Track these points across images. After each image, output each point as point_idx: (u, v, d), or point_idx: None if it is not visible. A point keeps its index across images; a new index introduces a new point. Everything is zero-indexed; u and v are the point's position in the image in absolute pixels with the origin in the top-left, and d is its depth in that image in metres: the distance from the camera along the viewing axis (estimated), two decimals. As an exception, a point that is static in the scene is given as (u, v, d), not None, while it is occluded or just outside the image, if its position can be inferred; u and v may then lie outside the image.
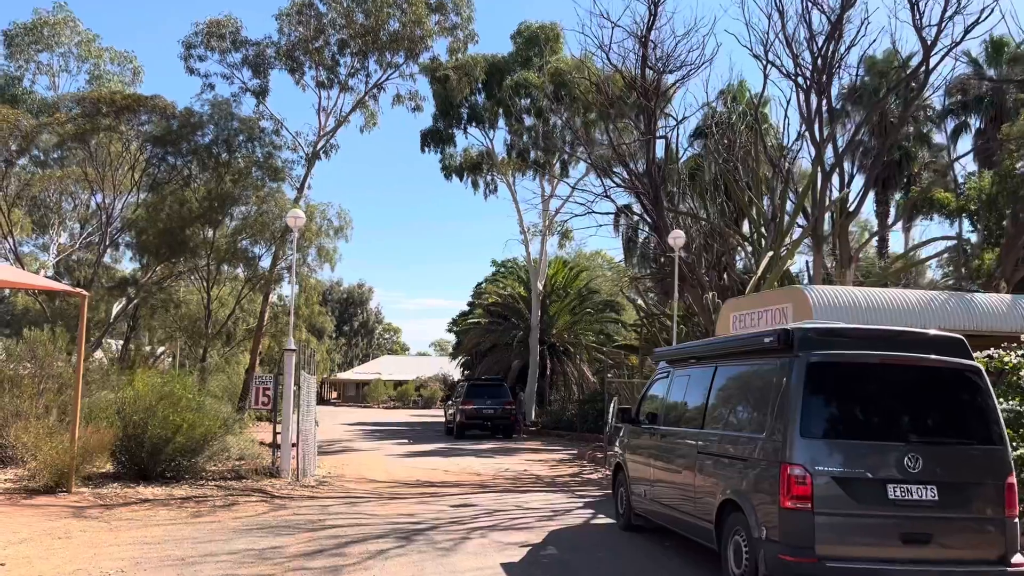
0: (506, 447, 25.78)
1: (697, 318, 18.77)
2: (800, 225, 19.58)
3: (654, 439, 9.57)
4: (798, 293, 13.42)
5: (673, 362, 9.70)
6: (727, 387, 8.17)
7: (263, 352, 40.58)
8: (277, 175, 24.21)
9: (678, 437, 8.84)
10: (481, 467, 19.07)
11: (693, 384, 8.98)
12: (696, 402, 8.73)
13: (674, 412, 9.36)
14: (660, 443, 9.34)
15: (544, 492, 14.83)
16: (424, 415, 52.89)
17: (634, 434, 10.44)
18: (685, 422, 8.86)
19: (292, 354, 15.38)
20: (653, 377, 10.45)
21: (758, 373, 7.51)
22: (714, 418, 8.18)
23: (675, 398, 9.46)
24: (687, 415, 8.90)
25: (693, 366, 9.06)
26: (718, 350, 8.47)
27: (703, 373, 8.71)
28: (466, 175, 36.32)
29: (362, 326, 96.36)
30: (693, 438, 8.39)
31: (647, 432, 9.95)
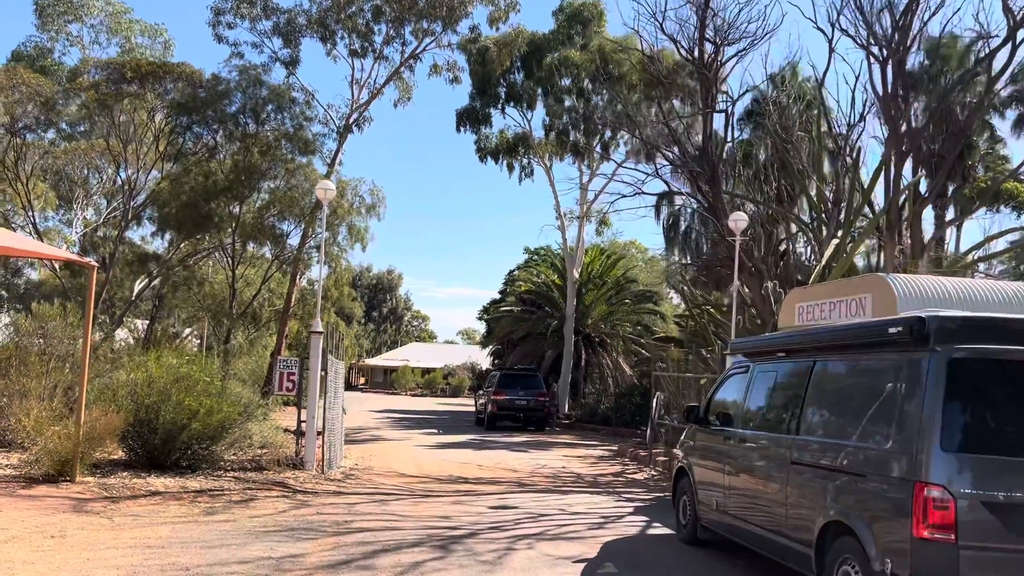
0: (540, 440, 24.61)
1: (752, 309, 17.43)
2: (865, 215, 18.10)
3: (730, 444, 8.30)
4: (880, 282, 12.01)
5: (754, 355, 8.41)
6: (830, 386, 6.88)
7: (290, 335, 39.75)
8: (307, 148, 23.06)
9: (763, 443, 7.56)
10: (516, 462, 17.91)
11: (782, 381, 7.70)
12: (787, 402, 7.45)
13: (756, 413, 8.09)
14: (738, 448, 8.07)
15: (588, 494, 13.62)
16: (452, 403, 51.95)
17: (702, 436, 9.18)
18: (772, 425, 7.58)
19: (319, 337, 14.29)
20: (726, 372, 9.16)
21: (876, 370, 6.21)
22: (812, 422, 6.90)
23: (757, 397, 8.18)
24: (774, 417, 7.62)
25: (782, 360, 7.76)
26: (818, 342, 7.16)
27: (796, 369, 7.42)
28: (501, 157, 35.05)
29: (391, 312, 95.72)
30: (784, 445, 7.12)
31: (720, 435, 8.69)
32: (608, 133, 31.55)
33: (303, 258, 24.31)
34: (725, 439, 8.47)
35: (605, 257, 36.77)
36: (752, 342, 8.63)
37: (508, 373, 29.20)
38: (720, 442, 8.63)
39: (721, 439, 8.61)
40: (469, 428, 28.96)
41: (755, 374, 8.25)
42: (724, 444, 8.48)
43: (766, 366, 8.10)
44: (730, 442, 8.31)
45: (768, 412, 7.79)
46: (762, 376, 8.16)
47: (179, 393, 12.03)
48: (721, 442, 8.59)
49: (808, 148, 19.00)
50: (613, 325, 34.92)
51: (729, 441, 8.35)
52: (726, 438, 8.46)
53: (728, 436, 8.43)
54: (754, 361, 8.34)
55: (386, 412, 37.22)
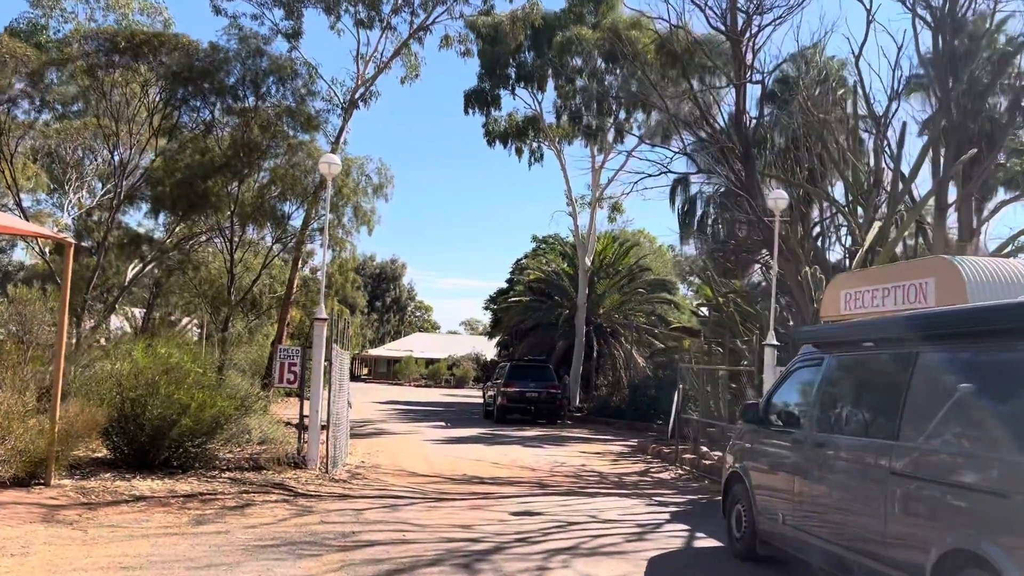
0: (553, 435, 23.49)
1: (787, 297, 16.25)
2: (904, 200, 16.84)
3: (800, 448, 7.13)
4: (945, 265, 10.84)
5: (830, 346, 7.22)
6: (944, 382, 5.69)
7: (292, 324, 38.60)
8: (310, 123, 21.73)
9: (849, 448, 6.39)
10: (532, 459, 16.78)
11: (872, 376, 6.53)
12: (881, 402, 6.27)
13: (836, 413, 6.92)
14: (812, 453, 6.89)
15: (616, 496, 12.47)
16: (457, 395, 50.90)
17: (763, 438, 8.01)
18: (861, 428, 6.41)
19: (323, 324, 13.13)
20: (791, 366, 7.98)
21: (1015, 364, 5.03)
22: (918, 426, 5.73)
23: (837, 394, 7.02)
24: (864, 419, 6.45)
25: (871, 351, 6.58)
26: (925, 328, 5.96)
27: (892, 362, 6.24)
28: (511, 141, 33.83)
29: (394, 302, 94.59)
30: (880, 453, 5.94)
31: (786, 437, 7.52)
32: (623, 114, 30.33)
33: (306, 241, 23.11)
34: (794, 443, 7.31)
35: (618, 244, 35.55)
36: (830, 331, 7.44)
37: (518, 364, 28.08)
38: (786, 446, 7.46)
39: (788, 442, 7.45)
40: (478, 421, 27.86)
41: (831, 368, 7.07)
42: (792, 448, 7.31)
43: (847, 358, 6.93)
44: (801, 446, 7.14)
45: (854, 412, 6.62)
46: (842, 370, 6.99)
47: (168, 385, 10.89)
48: (788, 446, 7.43)
49: (843, 126, 17.78)
50: (626, 315, 33.73)
51: (799, 445, 7.18)
52: (795, 441, 7.29)
53: (798, 439, 7.26)
54: (829, 352, 7.16)
55: (391, 403, 36.13)
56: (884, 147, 16.81)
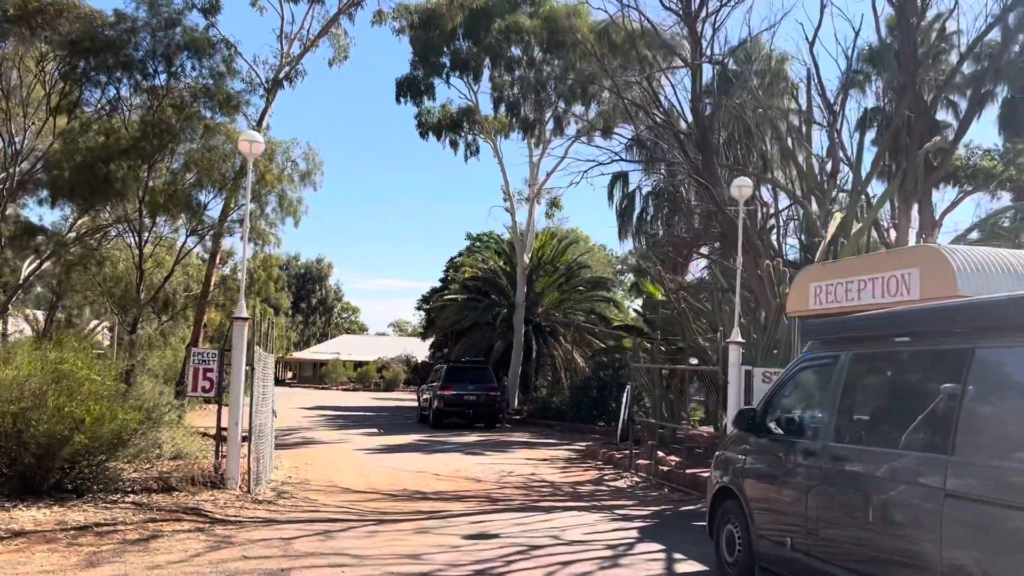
0: (494, 440, 22.26)
1: (745, 292, 15.39)
2: (867, 194, 16.21)
3: (815, 462, 6.08)
4: (932, 254, 10.04)
5: (848, 341, 6.18)
6: (1015, 383, 4.69)
7: (212, 327, 36.35)
8: (229, 104, 19.76)
9: (885, 464, 5.36)
10: (477, 469, 15.53)
11: (911, 377, 5.52)
12: (926, 407, 5.26)
13: (862, 420, 5.90)
14: (832, 469, 5.85)
15: (574, 511, 11.34)
16: (388, 398, 49.17)
17: (762, 449, 6.96)
18: (896, 440, 5.39)
19: (244, 324, 11.61)
20: (795, 365, 6.94)
21: None
22: (980, 438, 4.72)
23: (861, 398, 6.00)
24: (901, 428, 5.42)
25: (907, 346, 5.55)
26: (985, 319, 4.94)
27: (939, 359, 5.22)
28: (445, 133, 32.44)
29: (320, 303, 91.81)
30: (929, 470, 4.92)
31: (794, 449, 6.48)
32: (562, 106, 29.30)
33: (224, 234, 21.21)
34: (805, 455, 6.26)
35: (556, 241, 34.56)
36: (848, 324, 6.39)
37: (456, 366, 26.78)
38: (795, 458, 6.42)
39: (797, 454, 6.40)
40: (413, 426, 26.43)
41: (852, 367, 6.04)
42: (803, 461, 6.27)
43: (873, 356, 5.91)
44: (815, 459, 6.09)
45: (888, 420, 5.59)
46: (868, 370, 5.98)
47: (58, 396, 9.25)
48: (797, 459, 6.38)
49: (797, 115, 17.09)
50: (566, 313, 32.76)
51: (813, 458, 6.13)
52: (807, 453, 6.24)
53: (810, 451, 6.21)
54: (846, 349, 6.13)
55: (318, 409, 34.32)
56: (839, 135, 16.20)
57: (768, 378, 12.41)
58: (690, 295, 19.48)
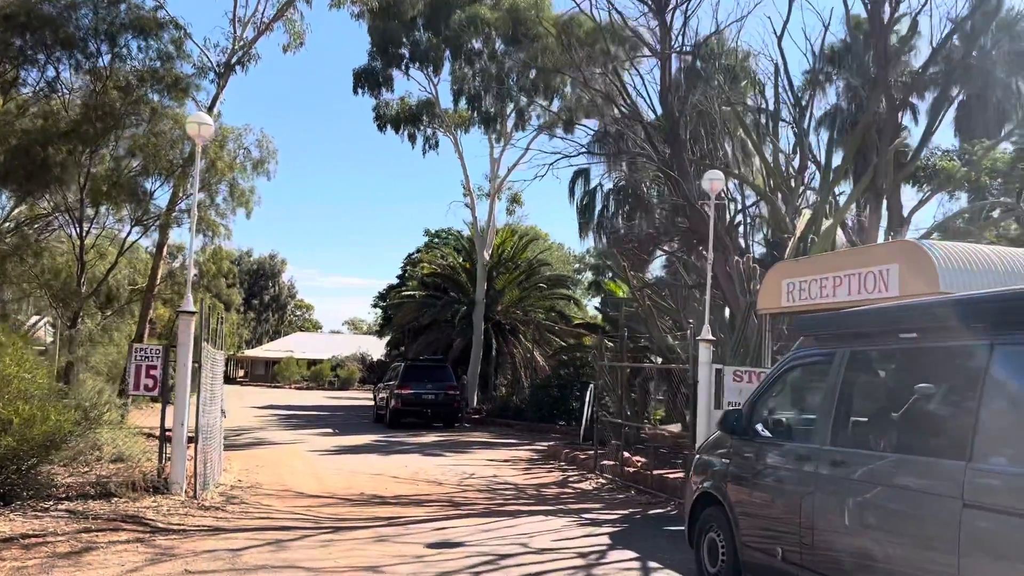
0: (453, 440, 21.70)
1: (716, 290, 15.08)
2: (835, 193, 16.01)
3: (810, 467, 5.66)
4: (912, 250, 9.77)
5: (846, 338, 5.76)
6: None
7: (160, 323, 35.13)
8: (177, 87, 18.62)
9: (892, 471, 4.96)
10: (437, 471, 14.97)
11: (921, 376, 5.11)
12: (939, 409, 4.87)
13: (864, 422, 5.51)
14: (830, 475, 5.43)
15: (541, 516, 10.85)
16: (342, 397, 48.26)
17: (750, 452, 6.53)
18: (906, 444, 4.99)
19: (191, 319, 10.89)
20: (785, 363, 6.52)
21: None
22: (1002, 443, 4.34)
23: (863, 398, 5.60)
24: (910, 431, 5.03)
25: (914, 343, 5.13)
26: (1008, 313, 4.54)
27: (954, 357, 4.83)
28: (403, 126, 31.76)
29: (273, 300, 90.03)
30: (944, 477, 4.53)
31: (787, 453, 6.07)
32: (524, 100, 28.83)
33: (172, 224, 20.16)
34: (799, 459, 5.85)
35: (517, 238, 34.05)
36: (847, 319, 5.94)
37: (414, 364, 26.16)
38: (788, 463, 6.01)
39: (789, 458, 5.99)
40: (368, 426, 25.73)
41: (851, 365, 5.64)
42: (797, 466, 5.85)
43: (876, 353, 5.51)
44: (810, 464, 5.68)
45: (893, 423, 5.19)
46: (870, 368, 5.59)
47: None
48: (790, 463, 5.97)
49: (762, 112, 16.84)
50: (526, 311, 32.29)
51: (807, 463, 5.72)
52: (800, 458, 5.83)
53: (803, 455, 5.80)
54: (845, 346, 5.72)
55: (270, 408, 33.39)
56: (806, 132, 15.97)
57: (739, 377, 12.10)
58: (654, 293, 19.14)
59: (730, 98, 16.28)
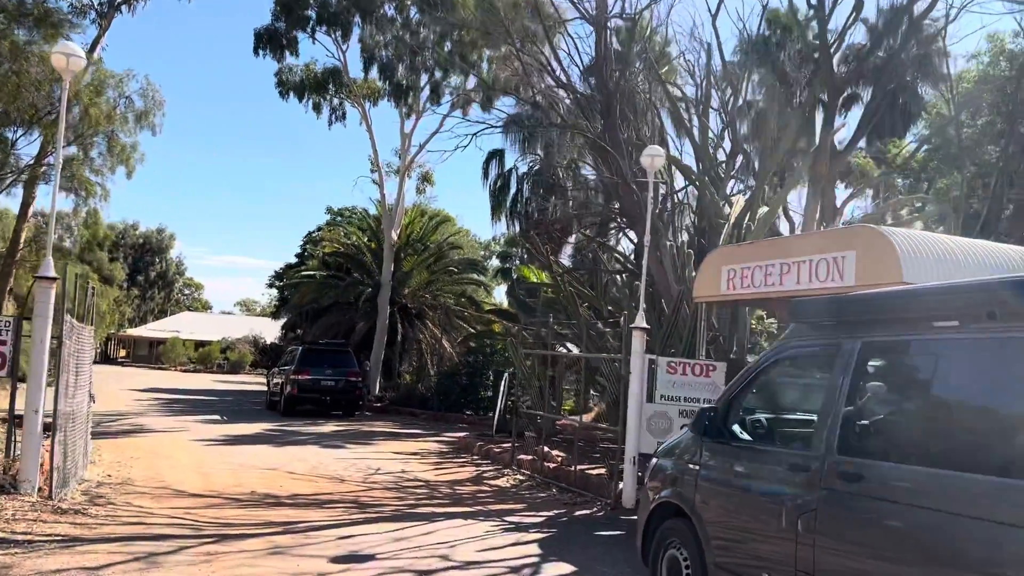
0: (355, 430, 20.27)
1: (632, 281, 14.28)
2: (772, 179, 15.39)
3: (809, 479, 4.70)
4: (871, 236, 9.06)
5: (859, 325, 4.79)
6: None
7: (24, 294, 31.98)
8: (46, 21, 16.25)
9: (919, 488, 4.03)
10: (338, 465, 13.59)
11: (957, 374, 4.21)
12: (979, 415, 3.98)
13: (880, 430, 4.57)
14: (838, 490, 4.49)
15: (459, 517, 9.72)
16: (232, 381, 45.71)
17: (728, 459, 5.55)
18: (942, 457, 4.06)
19: (51, 286, 9.17)
20: (772, 355, 5.54)
21: None
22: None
23: (879, 401, 4.66)
24: (943, 442, 4.11)
25: (951, 333, 4.20)
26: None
27: (1005, 351, 3.92)
28: (308, 95, 29.84)
29: (160, 277, 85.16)
30: (986, 496, 3.64)
31: (776, 461, 5.10)
32: (439, 73, 27.44)
33: (40, 179, 17.68)
34: (793, 469, 4.88)
35: (427, 219, 32.60)
36: (862, 304, 4.92)
37: (313, 348, 24.50)
38: (777, 473, 5.04)
39: (780, 468, 5.02)
40: (261, 414, 23.94)
41: (862, 359, 4.69)
42: (790, 477, 4.89)
43: (898, 346, 4.57)
44: (807, 477, 4.72)
45: (927, 431, 4.26)
46: (889, 364, 4.65)
47: None
48: (780, 473, 5.00)
49: (695, 92, 16.12)
50: (435, 295, 30.95)
51: (804, 475, 4.76)
52: (795, 468, 4.87)
53: (800, 465, 4.84)
54: (856, 336, 4.77)
55: (153, 392, 30.93)
56: (736, 115, 15.34)
57: (674, 369, 11.26)
58: (574, 279, 18.23)
59: (661, 75, 15.50)
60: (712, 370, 11.37)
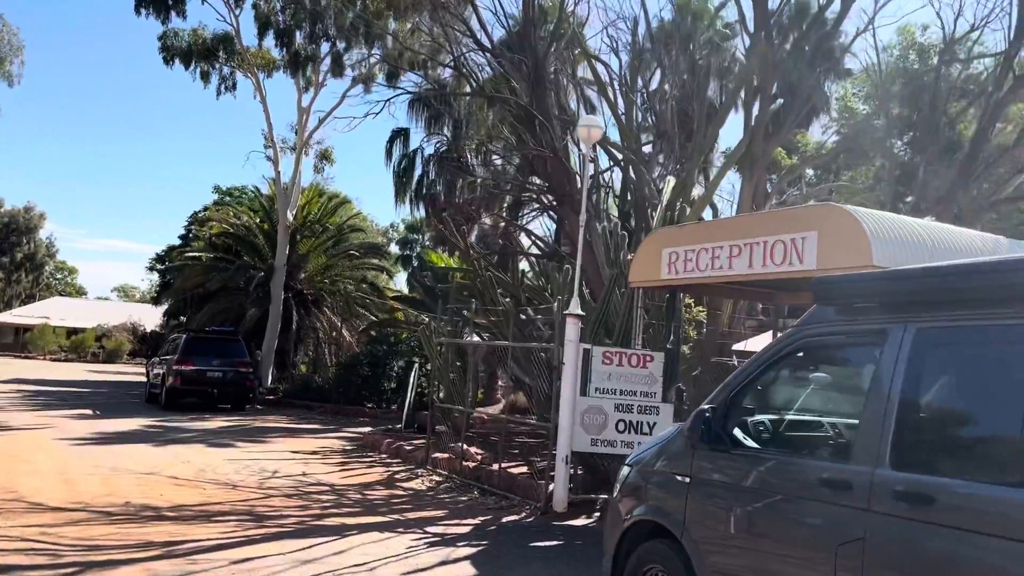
0: (247, 425, 18.57)
1: (564, 260, 13.31)
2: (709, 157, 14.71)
3: (858, 500, 3.74)
4: (838, 216, 8.31)
5: (911, 307, 3.85)
6: None
7: None
8: None
9: (1012, 514, 3.12)
10: (230, 468, 12.05)
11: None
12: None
13: (952, 440, 3.65)
14: (909, 517, 3.53)
15: (374, 530, 8.48)
16: (108, 371, 42.41)
17: (732, 471, 4.56)
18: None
19: None
20: (788, 341, 4.53)
21: None
22: None
23: (946, 403, 3.74)
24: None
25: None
26: None
27: None
28: (195, 62, 27.55)
29: (27, 259, 78.77)
30: None
31: (804, 475, 4.12)
32: (342, 44, 25.74)
33: None
34: (826, 486, 3.92)
35: (325, 199, 30.69)
36: (916, 279, 3.93)
37: (199, 336, 22.54)
38: (802, 489, 4.06)
39: (807, 483, 4.04)
40: (140, 407, 21.78)
41: (918, 349, 3.75)
42: (824, 495, 3.92)
43: (973, 332, 3.64)
44: (852, 496, 3.77)
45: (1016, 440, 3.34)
46: (959, 356, 3.72)
47: None
48: (808, 489, 4.03)
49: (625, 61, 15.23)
50: (333, 281, 29.17)
51: (847, 493, 3.80)
52: (831, 484, 3.90)
53: (833, 481, 3.88)
54: (906, 320, 3.83)
55: (16, 383, 27.93)
56: (656, 94, 14.60)
57: (609, 359, 10.31)
58: (489, 264, 17.11)
59: (587, 50, 14.59)
60: (649, 360, 10.50)
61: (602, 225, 12.15)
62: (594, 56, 14.71)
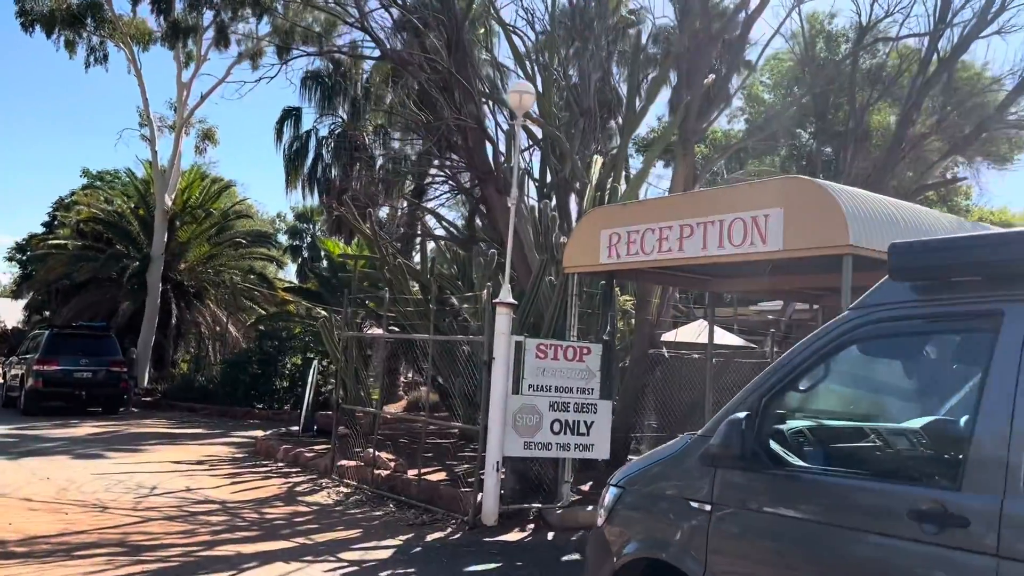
0: (120, 432, 16.55)
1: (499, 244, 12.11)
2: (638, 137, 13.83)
3: (956, 540, 2.76)
4: (808, 190, 7.46)
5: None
6: None
7: None
8: None
9: None
10: (99, 484, 10.32)
11: None
12: None
13: None
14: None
15: (278, 560, 7.11)
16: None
17: (773, 499, 3.51)
18: None
19: None
20: (843, 329, 3.51)
21: None
22: None
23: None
24: None
25: None
26: None
27: None
28: (59, 30, 24.79)
29: None
30: None
31: (884, 502, 3.11)
32: (227, 15, 23.67)
33: None
34: (921, 520, 2.92)
35: (209, 182, 28.27)
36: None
37: (63, 332, 20.18)
38: (887, 525, 3.06)
39: (888, 516, 3.04)
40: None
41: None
42: (920, 535, 2.93)
43: None
44: (959, 534, 2.79)
45: None
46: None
47: None
48: (890, 526, 3.02)
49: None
50: (218, 271, 26.88)
51: (948, 531, 2.82)
52: (927, 519, 2.91)
53: (935, 515, 2.90)
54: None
55: None
56: (600, 60, 13.65)
57: (544, 353, 9.23)
58: (396, 250, 15.75)
59: (500, 18, 13.48)
60: (587, 353, 9.48)
61: (530, 206, 11.12)
62: (511, 27, 13.63)
